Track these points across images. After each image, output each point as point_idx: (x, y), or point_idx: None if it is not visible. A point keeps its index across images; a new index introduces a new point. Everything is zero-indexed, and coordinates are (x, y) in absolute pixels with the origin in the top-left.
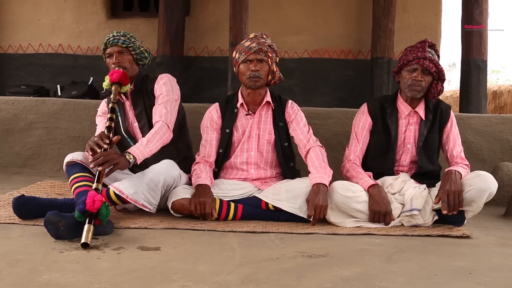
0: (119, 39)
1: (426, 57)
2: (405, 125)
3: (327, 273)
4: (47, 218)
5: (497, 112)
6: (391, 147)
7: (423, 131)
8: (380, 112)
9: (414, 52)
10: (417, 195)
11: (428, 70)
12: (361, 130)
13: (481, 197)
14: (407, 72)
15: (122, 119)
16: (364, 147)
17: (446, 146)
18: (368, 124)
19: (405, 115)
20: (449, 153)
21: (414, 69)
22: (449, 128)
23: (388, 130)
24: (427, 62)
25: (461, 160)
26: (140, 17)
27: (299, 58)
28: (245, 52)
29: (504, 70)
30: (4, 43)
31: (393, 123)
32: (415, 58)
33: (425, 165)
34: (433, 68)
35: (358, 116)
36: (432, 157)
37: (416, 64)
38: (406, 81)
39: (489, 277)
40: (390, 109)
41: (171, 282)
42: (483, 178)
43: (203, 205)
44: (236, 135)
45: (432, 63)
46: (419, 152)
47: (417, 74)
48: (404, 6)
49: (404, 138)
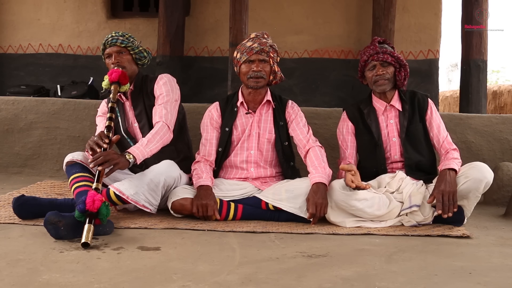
0: (117, 39)
1: (378, 52)
2: (385, 120)
3: (327, 273)
4: (47, 218)
5: (497, 112)
6: (377, 144)
7: (403, 122)
8: (359, 114)
9: (366, 52)
10: (415, 192)
11: (386, 61)
12: (345, 135)
13: (478, 188)
14: (369, 71)
15: (122, 120)
16: (353, 150)
17: (431, 133)
18: (350, 128)
19: (381, 111)
20: (435, 140)
21: (373, 66)
22: (430, 115)
23: (369, 129)
24: (381, 55)
25: (448, 145)
26: (140, 17)
27: (299, 58)
28: (247, 52)
29: (504, 70)
30: (4, 43)
31: (372, 121)
32: (369, 56)
33: (412, 156)
34: (389, 58)
35: (340, 124)
36: (418, 147)
37: (373, 61)
38: (370, 79)
39: (489, 277)
40: (366, 109)
41: (171, 282)
42: (479, 168)
43: (205, 207)
44: (235, 134)
45: (386, 54)
46: (404, 143)
47: (378, 69)
48: (404, 6)
49: (388, 133)
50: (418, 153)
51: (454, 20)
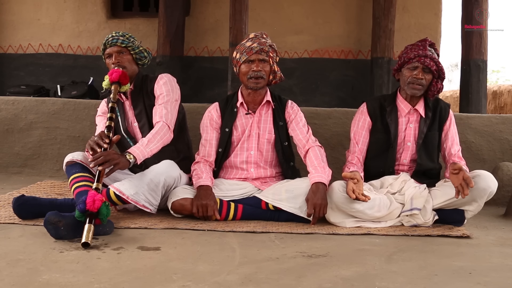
0: (118, 39)
1: (427, 55)
2: (405, 123)
3: (327, 273)
4: (47, 218)
5: (497, 112)
6: (391, 146)
7: (423, 128)
8: (380, 111)
9: (415, 50)
10: (417, 195)
11: (429, 68)
12: (360, 130)
13: (482, 197)
14: (408, 70)
15: (122, 119)
16: (364, 146)
17: (444, 144)
18: (367, 124)
19: (405, 113)
20: (447, 151)
21: (415, 67)
22: (448, 126)
23: (388, 128)
24: (428, 60)
25: (458, 159)
26: (140, 17)
27: (299, 58)
28: (246, 52)
29: (504, 70)
30: (4, 43)
31: (393, 121)
32: (416, 56)
33: (424, 163)
34: (433, 66)
35: (357, 116)
36: (431, 155)
37: (417, 62)
38: (406, 78)
39: (489, 277)
40: (389, 108)
41: (171, 282)
42: (483, 178)
43: (205, 208)
44: (235, 134)
45: (433, 61)
46: (419, 149)
47: (418, 72)
48: (404, 6)
49: (404, 136)
50: (430, 161)
51: (454, 20)
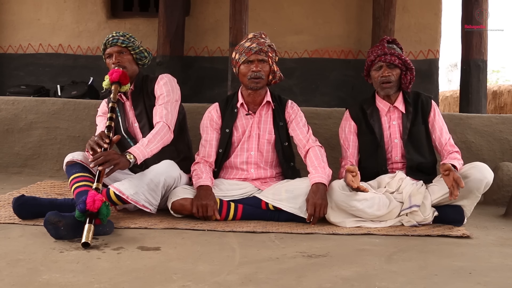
0: (118, 39)
1: (386, 53)
2: (388, 121)
3: (327, 273)
4: (47, 218)
5: (497, 112)
6: (378, 145)
7: (406, 124)
8: (362, 114)
9: (374, 51)
10: (415, 192)
11: (393, 63)
12: (348, 135)
13: (479, 188)
14: (375, 71)
15: (122, 119)
16: (354, 150)
17: (433, 135)
18: (352, 128)
19: (385, 112)
20: (437, 142)
21: (379, 67)
22: (433, 117)
23: (372, 129)
24: (388, 57)
25: (451, 147)
26: (140, 17)
27: (299, 58)
28: (245, 52)
29: (504, 70)
30: (4, 43)
31: (375, 121)
32: (377, 56)
33: (414, 158)
34: (396, 61)
35: (342, 123)
36: (420, 149)
37: (380, 62)
38: (376, 80)
39: (489, 277)
40: (369, 110)
41: (171, 282)
42: (479, 169)
43: (205, 208)
44: (236, 135)
45: (393, 56)
46: (406, 145)
47: (383, 70)
48: (404, 6)
49: (390, 134)
50: (420, 155)
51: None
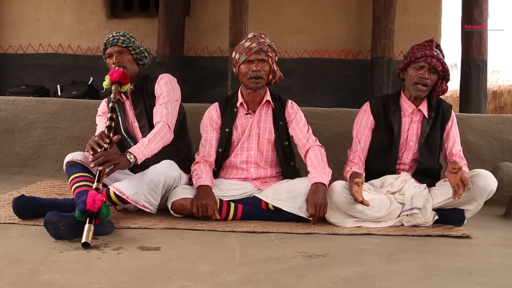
0: (118, 39)
1: (433, 55)
2: (408, 123)
3: (327, 273)
4: (47, 218)
5: (497, 112)
6: (393, 145)
7: (425, 128)
8: (383, 111)
9: (422, 50)
10: (417, 194)
11: (435, 68)
12: (362, 129)
13: (482, 196)
14: (414, 69)
15: (122, 119)
16: (366, 146)
17: (445, 144)
18: (370, 123)
19: (408, 113)
20: (448, 151)
21: (421, 67)
22: (450, 126)
23: (391, 128)
24: (434, 61)
25: (459, 159)
26: (140, 17)
27: (299, 58)
28: (245, 52)
29: (504, 70)
30: (4, 43)
31: (396, 120)
32: (423, 55)
33: (426, 162)
34: (439, 67)
35: (359, 115)
36: (433, 154)
37: (424, 62)
38: (412, 78)
39: (489, 277)
40: (393, 107)
41: (171, 282)
42: (483, 177)
43: (205, 207)
44: (235, 134)
45: (439, 61)
46: (421, 148)
47: (424, 72)
48: (404, 6)
49: (407, 136)
50: (432, 160)
51: (454, 20)
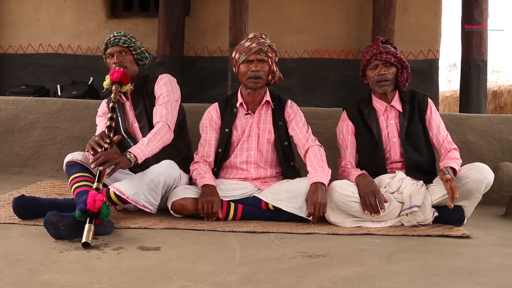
0: (120, 39)
1: (381, 51)
2: (385, 121)
3: (327, 273)
4: (47, 218)
5: (497, 112)
6: (377, 144)
7: (403, 122)
8: (359, 115)
9: (369, 51)
10: (415, 192)
11: (389, 61)
12: (345, 135)
13: (479, 188)
14: (371, 70)
15: (122, 120)
16: (353, 150)
17: (430, 133)
18: (350, 128)
19: (382, 111)
20: (434, 140)
21: (375, 66)
22: (430, 115)
23: (370, 129)
24: (384, 55)
25: (448, 145)
26: (140, 17)
27: (299, 58)
28: (245, 52)
29: (504, 70)
30: (4, 43)
31: (373, 121)
32: (372, 55)
33: (412, 156)
34: (392, 59)
35: (340, 124)
36: (418, 147)
37: (375, 60)
38: (372, 79)
39: (489, 277)
40: (367, 110)
41: (171, 282)
42: (479, 169)
43: (211, 203)
44: (235, 135)
45: (389, 54)
46: (404, 144)
47: (380, 69)
48: (404, 6)
49: (388, 133)
50: (418, 153)
51: (454, 20)
